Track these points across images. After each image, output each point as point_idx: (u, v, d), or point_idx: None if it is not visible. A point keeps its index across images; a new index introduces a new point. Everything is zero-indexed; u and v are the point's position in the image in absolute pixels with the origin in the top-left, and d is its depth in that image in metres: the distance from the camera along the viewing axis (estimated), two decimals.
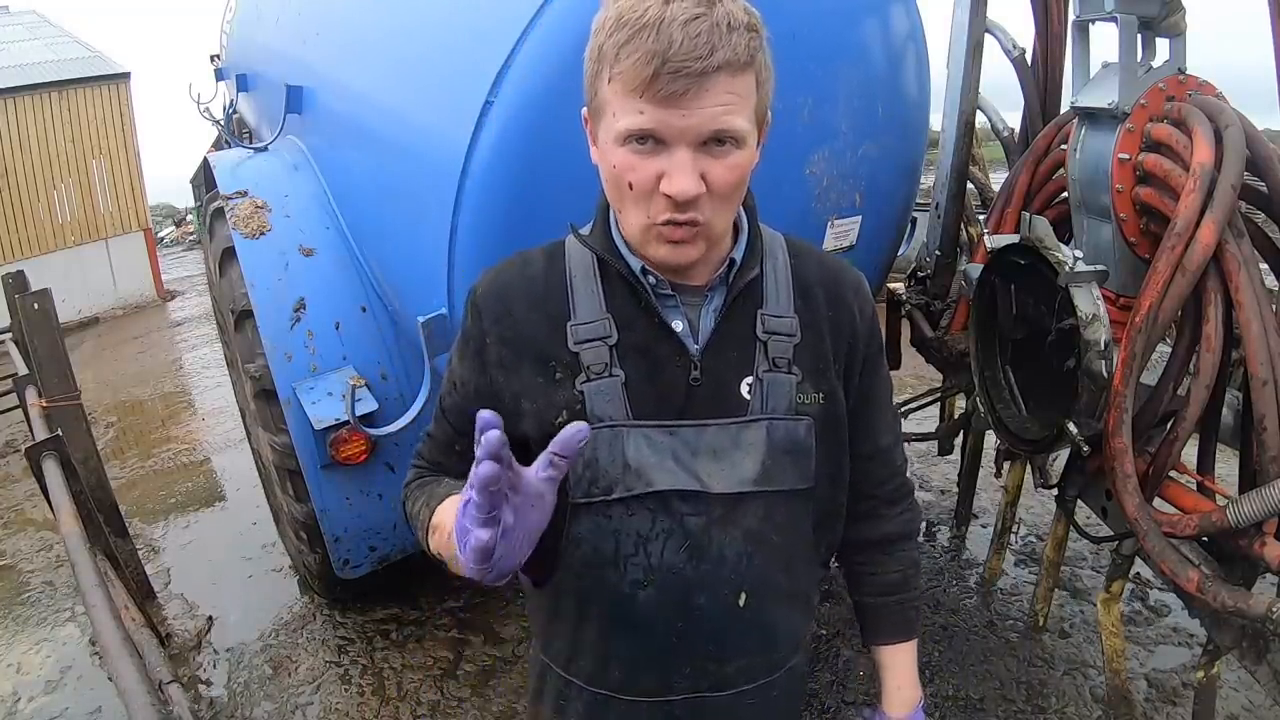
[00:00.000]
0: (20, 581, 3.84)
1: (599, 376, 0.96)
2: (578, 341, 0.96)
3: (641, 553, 0.97)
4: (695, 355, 0.96)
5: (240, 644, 3.09)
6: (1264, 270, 1.79)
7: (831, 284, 1.04)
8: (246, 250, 2.45)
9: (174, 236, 19.80)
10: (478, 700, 2.66)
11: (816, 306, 1.02)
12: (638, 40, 0.79)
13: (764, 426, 0.97)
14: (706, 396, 0.96)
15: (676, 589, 0.98)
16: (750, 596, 1.00)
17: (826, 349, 1.01)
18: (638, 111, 0.81)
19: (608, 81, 0.84)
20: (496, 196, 1.74)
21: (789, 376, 0.98)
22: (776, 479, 0.98)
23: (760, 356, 0.98)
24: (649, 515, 0.96)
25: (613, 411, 0.95)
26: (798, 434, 0.99)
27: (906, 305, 2.85)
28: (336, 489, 2.47)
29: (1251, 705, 2.35)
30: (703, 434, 0.96)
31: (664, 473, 0.95)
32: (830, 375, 1.02)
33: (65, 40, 12.51)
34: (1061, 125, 2.28)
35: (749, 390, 0.97)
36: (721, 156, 0.84)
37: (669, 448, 0.95)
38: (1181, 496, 1.85)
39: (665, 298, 0.97)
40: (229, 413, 5.68)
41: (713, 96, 0.80)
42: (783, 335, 0.99)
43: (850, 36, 1.99)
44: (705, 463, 0.96)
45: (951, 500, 3.55)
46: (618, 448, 0.95)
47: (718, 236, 0.93)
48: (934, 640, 2.75)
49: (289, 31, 3.10)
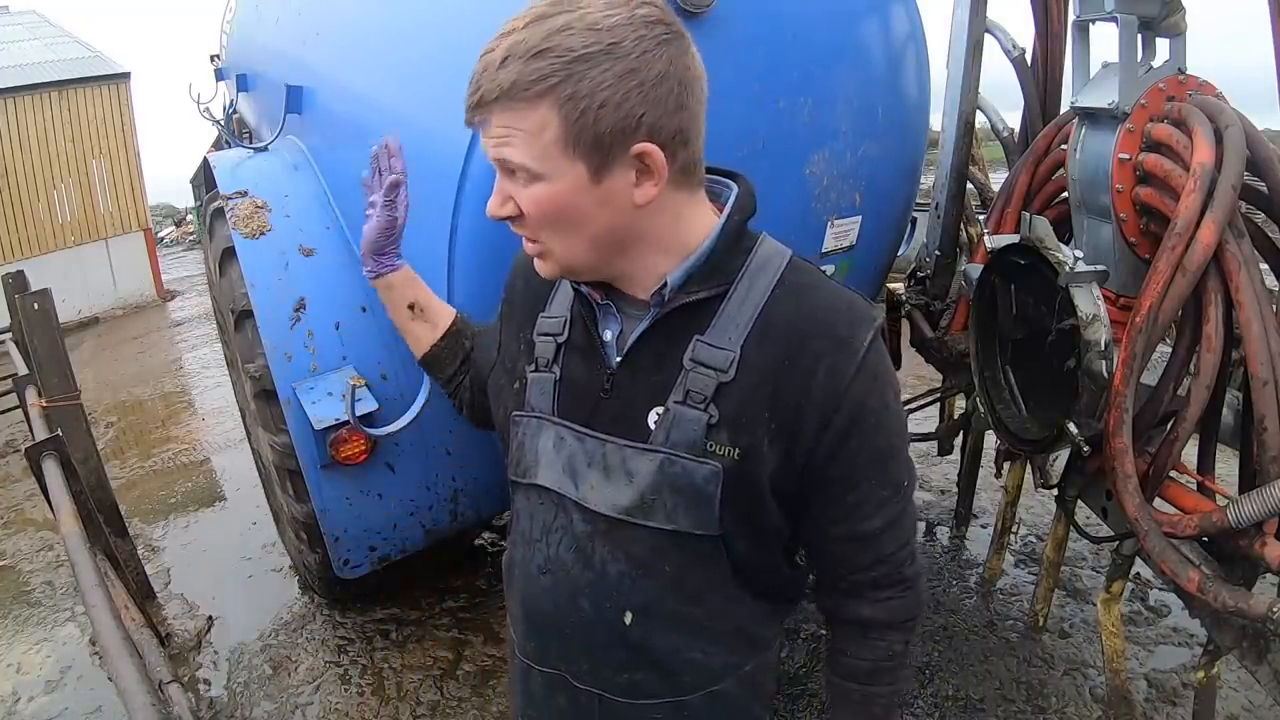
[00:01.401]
0: (20, 581, 3.84)
1: (542, 369, 1.01)
2: (540, 333, 1.03)
3: (545, 540, 1.02)
4: (611, 368, 0.95)
5: (240, 644, 3.09)
6: (1264, 270, 1.79)
7: (804, 331, 0.88)
8: (246, 250, 2.45)
9: (174, 236, 19.79)
10: (478, 700, 2.66)
11: (771, 350, 0.88)
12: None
13: (659, 460, 0.90)
14: (613, 412, 0.95)
15: (567, 587, 1.01)
16: (636, 618, 0.98)
17: (763, 402, 0.88)
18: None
19: None
20: None
21: (700, 414, 0.89)
22: (661, 516, 0.92)
23: (679, 386, 0.90)
24: (552, 508, 1.01)
25: (542, 404, 1.01)
26: (695, 477, 0.90)
27: (906, 305, 2.85)
28: (336, 489, 2.46)
29: (1251, 705, 2.35)
30: (602, 448, 0.95)
31: (550, 471, 1.00)
32: (758, 432, 0.89)
33: (65, 40, 12.51)
34: (1061, 125, 2.28)
35: (655, 419, 0.91)
36: (524, 185, 0.85)
37: (569, 451, 0.98)
38: (1182, 496, 1.85)
39: (603, 306, 0.97)
40: (229, 413, 5.68)
41: (491, 129, 0.83)
42: (709, 369, 0.88)
43: (850, 37, 1.99)
44: (594, 475, 0.96)
45: (951, 500, 3.55)
46: (535, 438, 1.02)
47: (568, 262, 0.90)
48: (934, 640, 2.75)
49: (289, 32, 3.10)
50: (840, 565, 0.99)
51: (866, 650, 1.01)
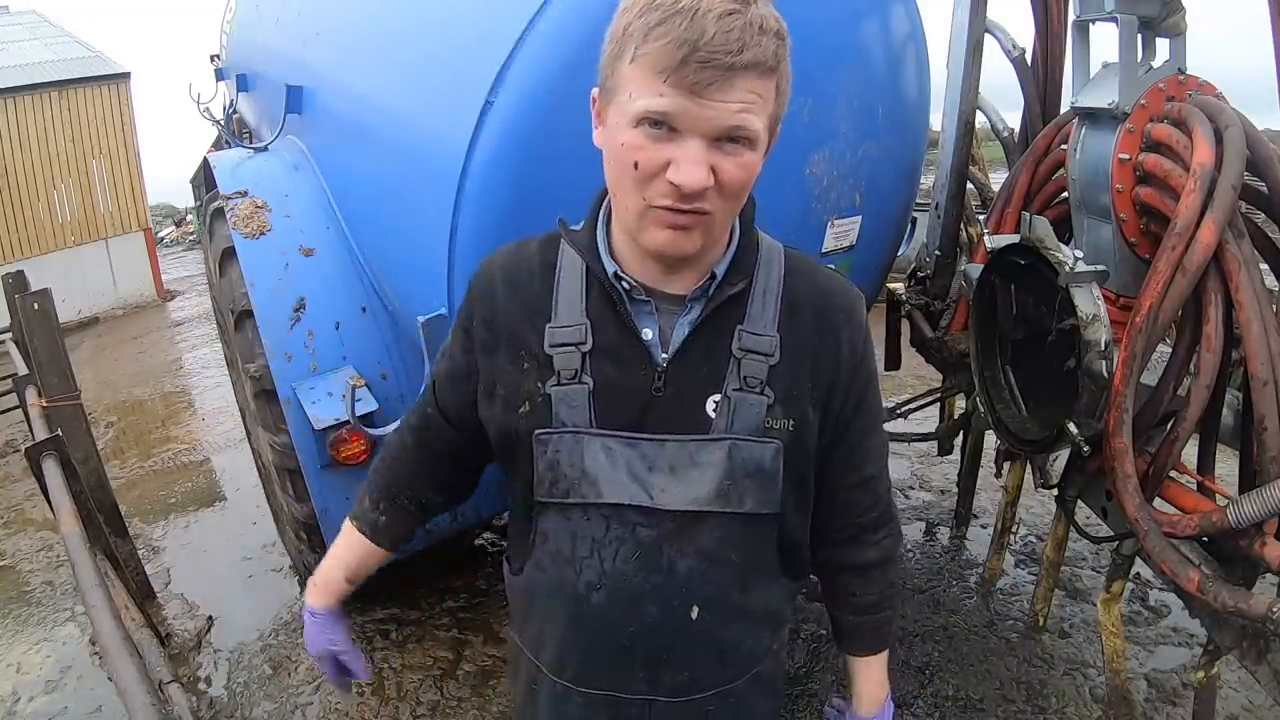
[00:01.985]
0: (20, 581, 3.84)
1: (568, 382, 0.96)
2: (553, 344, 0.97)
3: (596, 556, 0.98)
4: (661, 365, 0.95)
5: (240, 644, 3.09)
6: (1264, 270, 1.79)
7: (823, 308, 1.00)
8: (246, 250, 2.45)
9: (174, 236, 19.79)
10: (478, 700, 2.66)
11: (802, 329, 0.98)
12: (670, 24, 0.79)
13: (726, 447, 0.95)
14: (668, 409, 0.95)
15: (627, 596, 0.98)
16: (703, 611, 1.00)
17: (805, 376, 0.98)
18: (658, 94, 0.80)
19: (629, 61, 0.82)
20: (496, 197, 1.74)
21: (760, 398, 0.95)
22: (735, 501, 0.96)
23: (732, 374, 0.95)
24: (603, 521, 0.97)
25: (577, 418, 0.96)
26: (764, 458, 0.96)
27: (906, 305, 2.85)
28: (336, 489, 2.46)
29: (1251, 705, 2.35)
30: (661, 448, 0.95)
31: (615, 485, 0.96)
32: (804, 404, 0.98)
33: (65, 40, 12.51)
34: (1061, 125, 2.28)
35: (714, 408, 0.95)
36: (733, 154, 0.84)
37: (625, 459, 0.95)
38: (1181, 496, 1.85)
39: (640, 303, 0.96)
40: (229, 413, 5.68)
41: (736, 93, 0.80)
42: (759, 355, 0.96)
43: (850, 37, 1.99)
44: (660, 478, 0.95)
45: (951, 500, 3.55)
46: (577, 454, 0.96)
47: (717, 236, 0.92)
48: (934, 640, 2.75)
49: (289, 32, 3.10)
50: (847, 512, 1.10)
51: (872, 586, 1.14)
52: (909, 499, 3.80)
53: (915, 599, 2.99)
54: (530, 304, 0.99)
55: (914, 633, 2.79)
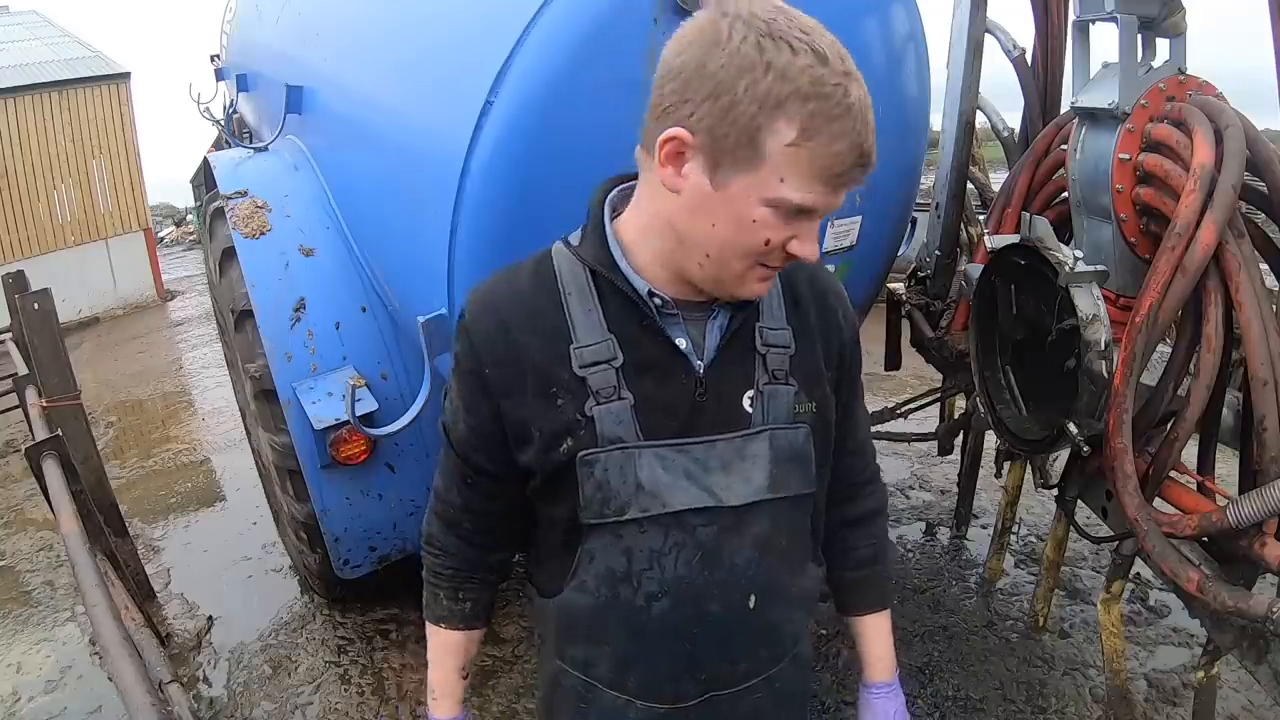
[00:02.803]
0: (20, 581, 3.85)
1: (608, 400, 0.95)
2: (583, 365, 0.95)
3: (655, 567, 0.98)
4: (700, 371, 0.97)
5: (240, 644, 3.09)
6: (1264, 270, 1.79)
7: (819, 294, 1.08)
8: (246, 250, 2.45)
9: (174, 236, 19.78)
10: (478, 700, 2.66)
11: (807, 316, 1.05)
12: (843, 124, 0.81)
13: (767, 437, 0.99)
14: (711, 411, 0.98)
15: (690, 599, 1.00)
16: (759, 598, 1.03)
17: (818, 358, 1.05)
18: (813, 190, 0.83)
19: (787, 144, 0.81)
20: (497, 196, 1.73)
21: (787, 387, 1.01)
22: (783, 486, 1.01)
23: (760, 369, 1.00)
24: (662, 531, 0.97)
25: (623, 433, 0.95)
26: (798, 441, 1.02)
27: (906, 305, 2.85)
28: (336, 489, 2.47)
29: (1251, 705, 2.35)
30: (711, 449, 0.97)
31: (679, 492, 0.96)
32: (823, 383, 1.05)
33: (65, 40, 12.51)
34: (1061, 125, 2.28)
35: (750, 403, 0.99)
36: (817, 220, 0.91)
37: (681, 466, 0.96)
38: (1181, 497, 1.85)
39: (668, 315, 0.97)
40: (229, 413, 5.68)
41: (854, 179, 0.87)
42: (779, 347, 1.01)
43: (850, 37, 1.99)
44: (717, 477, 0.98)
45: (951, 500, 3.55)
46: (629, 470, 0.95)
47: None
48: (934, 640, 2.76)
49: (289, 32, 3.10)
50: (845, 476, 1.17)
51: (867, 537, 1.22)
52: (909, 499, 3.81)
53: (915, 599, 3.00)
54: (547, 331, 0.96)
55: (914, 633, 2.79)
